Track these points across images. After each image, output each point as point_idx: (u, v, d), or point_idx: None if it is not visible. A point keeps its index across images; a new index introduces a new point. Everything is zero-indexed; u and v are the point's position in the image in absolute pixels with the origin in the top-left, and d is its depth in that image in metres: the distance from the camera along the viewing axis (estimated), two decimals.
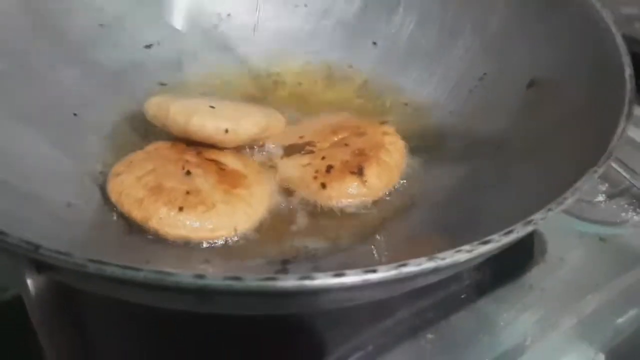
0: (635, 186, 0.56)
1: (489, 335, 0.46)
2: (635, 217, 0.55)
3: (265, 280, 0.25)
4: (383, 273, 0.26)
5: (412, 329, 0.45)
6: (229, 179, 0.47)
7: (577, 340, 0.46)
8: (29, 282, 0.45)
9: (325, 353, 0.43)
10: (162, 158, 0.48)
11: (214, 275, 0.25)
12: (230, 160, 0.49)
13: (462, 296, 0.48)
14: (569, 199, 0.31)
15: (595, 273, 0.50)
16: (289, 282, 0.25)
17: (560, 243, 0.52)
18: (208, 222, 0.44)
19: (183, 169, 0.47)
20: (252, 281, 0.25)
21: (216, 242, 0.44)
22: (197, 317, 0.42)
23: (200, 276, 0.25)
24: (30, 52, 0.52)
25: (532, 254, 0.51)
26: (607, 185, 0.58)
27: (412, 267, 0.27)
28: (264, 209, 0.47)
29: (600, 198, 0.57)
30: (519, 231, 0.29)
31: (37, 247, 0.26)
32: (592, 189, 0.57)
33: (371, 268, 0.26)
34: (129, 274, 0.25)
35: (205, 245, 0.44)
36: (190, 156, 0.49)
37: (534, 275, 0.50)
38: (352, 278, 0.26)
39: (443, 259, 0.27)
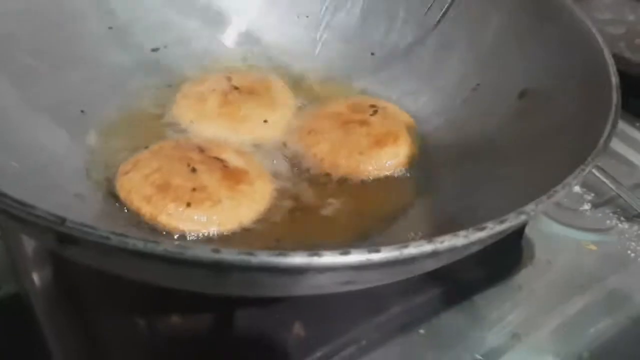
0: (620, 197, 0.58)
1: (478, 331, 0.47)
2: (619, 225, 0.57)
3: (277, 255, 0.27)
4: (385, 253, 0.28)
5: (405, 324, 0.47)
6: (233, 176, 0.49)
7: (563, 339, 0.48)
8: (34, 275, 0.47)
9: (319, 345, 0.44)
10: (167, 157, 0.50)
11: (230, 250, 0.27)
12: (232, 158, 0.51)
13: (453, 294, 0.50)
14: (560, 192, 0.33)
15: (581, 276, 0.52)
16: (298, 258, 0.27)
17: (548, 247, 0.54)
18: (215, 216, 0.46)
19: (188, 166, 0.49)
20: (264, 256, 0.27)
21: (222, 235, 0.46)
22: (200, 306, 0.44)
23: (217, 250, 0.27)
24: (45, 50, 0.54)
25: (520, 257, 0.53)
26: (592, 195, 0.60)
27: (412, 249, 0.29)
28: (266, 203, 0.49)
29: (586, 207, 0.59)
30: (511, 220, 0.31)
31: (63, 220, 0.27)
32: (578, 198, 0.60)
33: (375, 248, 0.28)
34: (150, 246, 0.27)
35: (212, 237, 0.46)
36: (194, 154, 0.50)
37: (523, 276, 0.52)
38: (356, 257, 0.28)
39: (442, 242, 0.29)
